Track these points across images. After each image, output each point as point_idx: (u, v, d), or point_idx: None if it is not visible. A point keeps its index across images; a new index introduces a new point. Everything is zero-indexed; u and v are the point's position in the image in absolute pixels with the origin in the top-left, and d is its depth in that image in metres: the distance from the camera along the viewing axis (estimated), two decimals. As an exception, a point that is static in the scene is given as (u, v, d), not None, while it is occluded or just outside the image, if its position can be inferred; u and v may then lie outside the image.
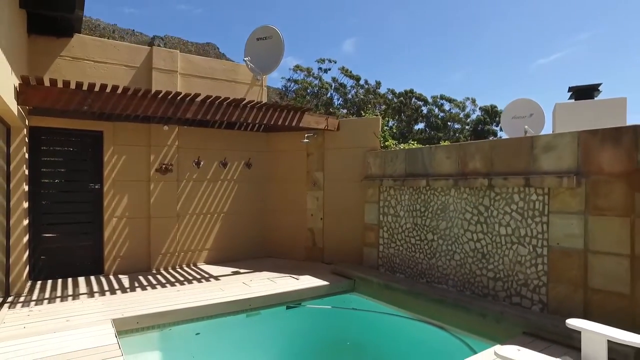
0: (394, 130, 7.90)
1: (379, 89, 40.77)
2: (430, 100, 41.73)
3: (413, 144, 6.98)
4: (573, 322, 3.38)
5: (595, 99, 8.77)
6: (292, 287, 5.90)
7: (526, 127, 8.14)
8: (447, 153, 5.66)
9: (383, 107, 40.93)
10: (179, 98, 5.87)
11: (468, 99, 42.59)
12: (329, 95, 37.82)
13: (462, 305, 4.94)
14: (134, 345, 4.44)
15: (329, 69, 37.54)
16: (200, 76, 7.57)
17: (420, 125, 42.17)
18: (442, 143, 8.03)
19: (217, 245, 7.72)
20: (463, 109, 41.83)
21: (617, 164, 4.03)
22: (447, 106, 42.47)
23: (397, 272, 6.36)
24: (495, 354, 3.13)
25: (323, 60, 37.42)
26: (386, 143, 6.98)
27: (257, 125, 7.71)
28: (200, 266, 7.41)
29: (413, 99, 41.39)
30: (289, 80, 35.99)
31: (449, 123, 41.84)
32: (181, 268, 7.26)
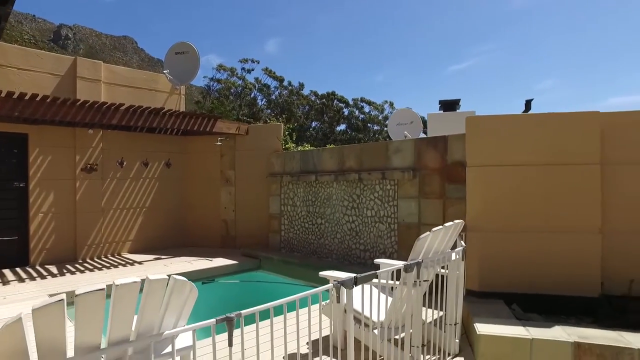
0: (307, 133, 9.25)
1: (303, 90, 42.23)
2: (351, 102, 44.01)
3: (307, 147, 8.43)
4: (377, 260, 4.66)
5: (457, 111, 10.89)
6: (206, 267, 7.06)
7: (406, 132, 9.96)
8: (330, 154, 7.16)
9: (306, 108, 42.58)
10: (105, 107, 6.75)
11: (387, 102, 45.46)
12: (252, 95, 38.59)
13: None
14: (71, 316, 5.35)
15: (253, 69, 38.26)
16: (123, 85, 8.40)
17: (342, 127, 44.37)
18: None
19: (139, 236, 8.60)
20: (382, 111, 44.66)
21: (436, 162, 5.73)
22: (367, 108, 45.06)
23: (295, 251, 7.77)
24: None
25: (246, 60, 38.05)
26: (287, 145, 8.36)
27: (175, 129, 8.71)
28: (124, 255, 8.27)
29: (335, 101, 43.41)
30: (211, 79, 36.09)
31: (368, 125, 44.51)
32: (106, 257, 8.07)
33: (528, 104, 11.76)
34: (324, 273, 3.80)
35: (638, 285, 3.90)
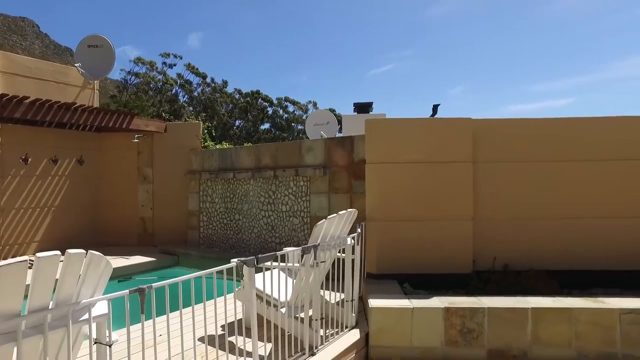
0: (224, 132, 9.41)
1: (226, 88, 41.65)
2: (275, 101, 44.24)
3: (225, 145, 8.66)
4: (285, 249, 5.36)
5: (370, 113, 11.76)
6: (122, 264, 7.01)
7: (322, 132, 10.54)
8: (247, 152, 7.48)
9: (230, 106, 42.05)
10: (5, 99, 6.43)
11: (310, 102, 46.35)
12: (174, 91, 37.32)
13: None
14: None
15: (175, 65, 36.96)
16: (27, 76, 7.98)
17: (266, 126, 44.44)
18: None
19: (47, 237, 8.22)
20: (306, 111, 45.43)
21: (343, 160, 6.30)
22: (291, 108, 45.58)
23: (214, 247, 7.97)
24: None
25: (168, 55, 36.66)
26: (206, 144, 8.53)
27: (89, 126, 8.45)
28: (29, 257, 7.87)
29: (259, 100, 43.37)
30: (129, 72, 34.29)
31: (293, 124, 45.08)
32: (7, 260, 7.62)
33: (435, 108, 12.95)
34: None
35: (499, 261, 4.73)
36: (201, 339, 3.41)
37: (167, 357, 2.37)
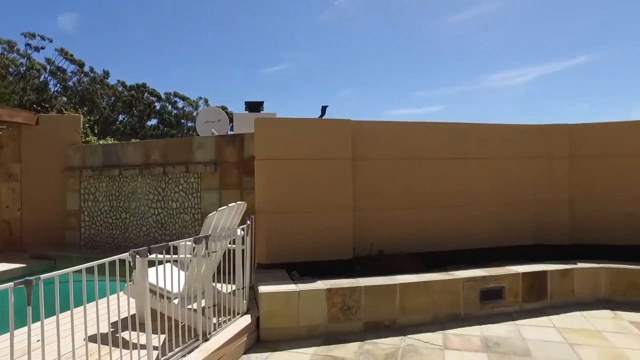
0: (96, 130, 8.88)
1: (108, 79, 38.34)
2: (163, 96, 41.92)
3: (110, 140, 8.24)
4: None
5: (261, 112, 12.06)
6: (-18, 273, 6.29)
7: (213, 130, 10.49)
8: (134, 148, 7.23)
9: (112, 99, 38.90)
10: None
11: (201, 98, 44.75)
12: (42, 79, 33.28)
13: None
14: None
15: (43, 48, 32.94)
16: None
17: (154, 122, 41.95)
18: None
19: None
20: (196, 107, 43.79)
21: (234, 157, 6.49)
22: (181, 104, 43.60)
23: (98, 247, 7.54)
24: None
25: (33, 35, 32.41)
26: (87, 139, 7.99)
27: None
28: None
29: (146, 94, 40.77)
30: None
31: (182, 121, 43.18)
32: None
33: (323, 109, 13.66)
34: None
35: (375, 247, 5.37)
36: (93, 338, 3.36)
37: (57, 358, 2.37)
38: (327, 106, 12.80)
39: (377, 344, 3.92)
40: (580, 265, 5.05)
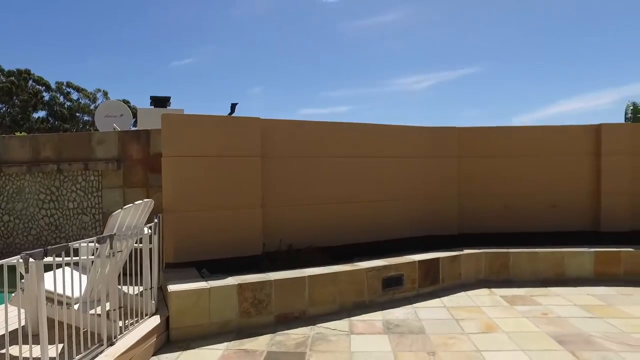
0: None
1: (-22, 62, 33.49)
2: (54, 86, 37.86)
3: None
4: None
5: (168, 107, 11.59)
6: None
7: (115, 125, 9.85)
8: (21, 143, 6.55)
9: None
10: None
11: (100, 90, 41.06)
12: None
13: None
14: None
15: None
16: None
17: (42, 114, 37.73)
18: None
19: None
20: (94, 100, 40.11)
21: (139, 154, 6.21)
22: (75, 95, 39.69)
23: (-25, 255, 6.69)
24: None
25: None
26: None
27: None
28: None
29: (30, 82, 36.55)
30: None
31: (77, 114, 39.33)
32: None
33: (233, 107, 13.48)
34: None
35: (285, 242, 5.54)
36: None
37: None
38: (236, 103, 12.69)
39: (288, 335, 4.08)
40: (466, 251, 5.72)
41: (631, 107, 11.29)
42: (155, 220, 4.23)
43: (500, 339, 3.85)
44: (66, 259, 3.35)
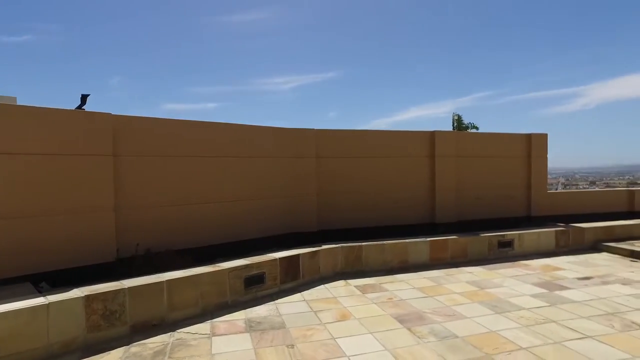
0: None
1: None
2: None
3: None
4: None
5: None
6: None
7: None
8: None
9: None
10: None
11: None
12: None
13: None
14: None
15: None
16: None
17: None
18: None
19: None
20: None
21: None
22: None
23: None
24: None
25: None
26: None
27: None
28: None
29: None
30: None
31: None
32: None
33: (84, 98, 11.88)
34: None
35: (142, 246, 5.20)
36: None
37: None
38: (88, 95, 11.25)
39: (145, 344, 3.85)
40: (324, 247, 6.10)
41: (456, 118, 13.63)
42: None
43: (353, 326, 4.23)
44: None
